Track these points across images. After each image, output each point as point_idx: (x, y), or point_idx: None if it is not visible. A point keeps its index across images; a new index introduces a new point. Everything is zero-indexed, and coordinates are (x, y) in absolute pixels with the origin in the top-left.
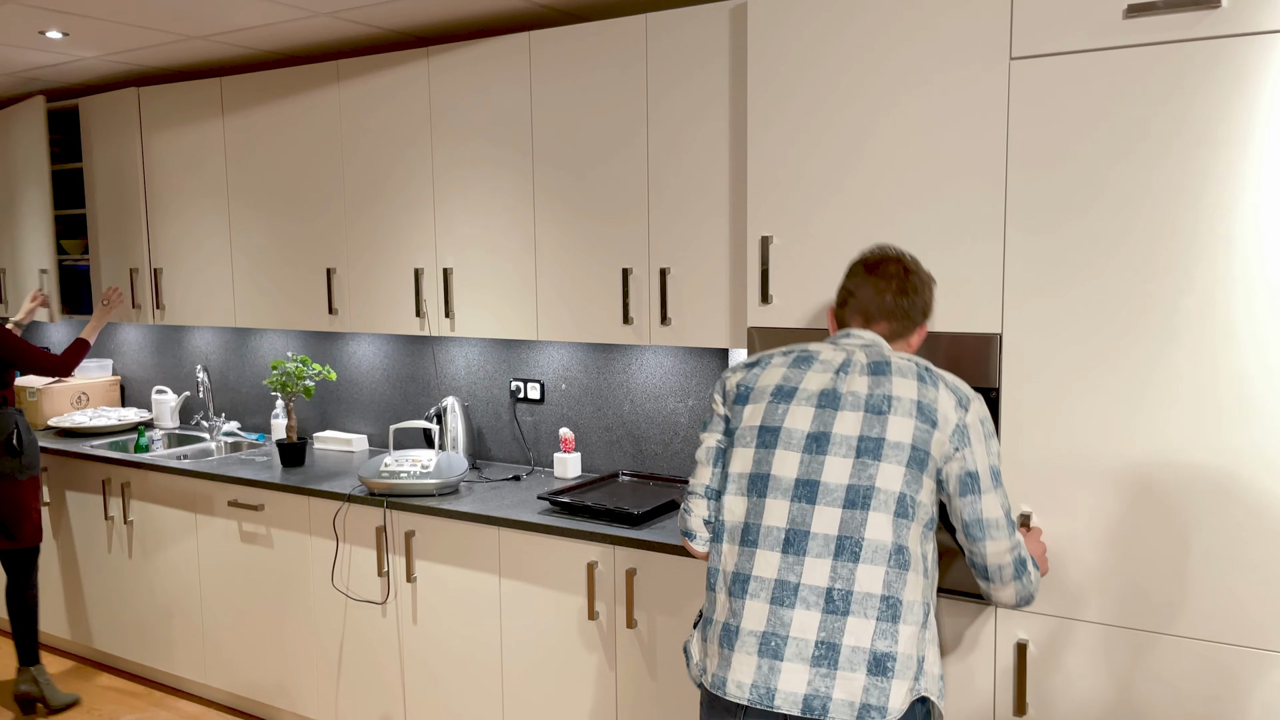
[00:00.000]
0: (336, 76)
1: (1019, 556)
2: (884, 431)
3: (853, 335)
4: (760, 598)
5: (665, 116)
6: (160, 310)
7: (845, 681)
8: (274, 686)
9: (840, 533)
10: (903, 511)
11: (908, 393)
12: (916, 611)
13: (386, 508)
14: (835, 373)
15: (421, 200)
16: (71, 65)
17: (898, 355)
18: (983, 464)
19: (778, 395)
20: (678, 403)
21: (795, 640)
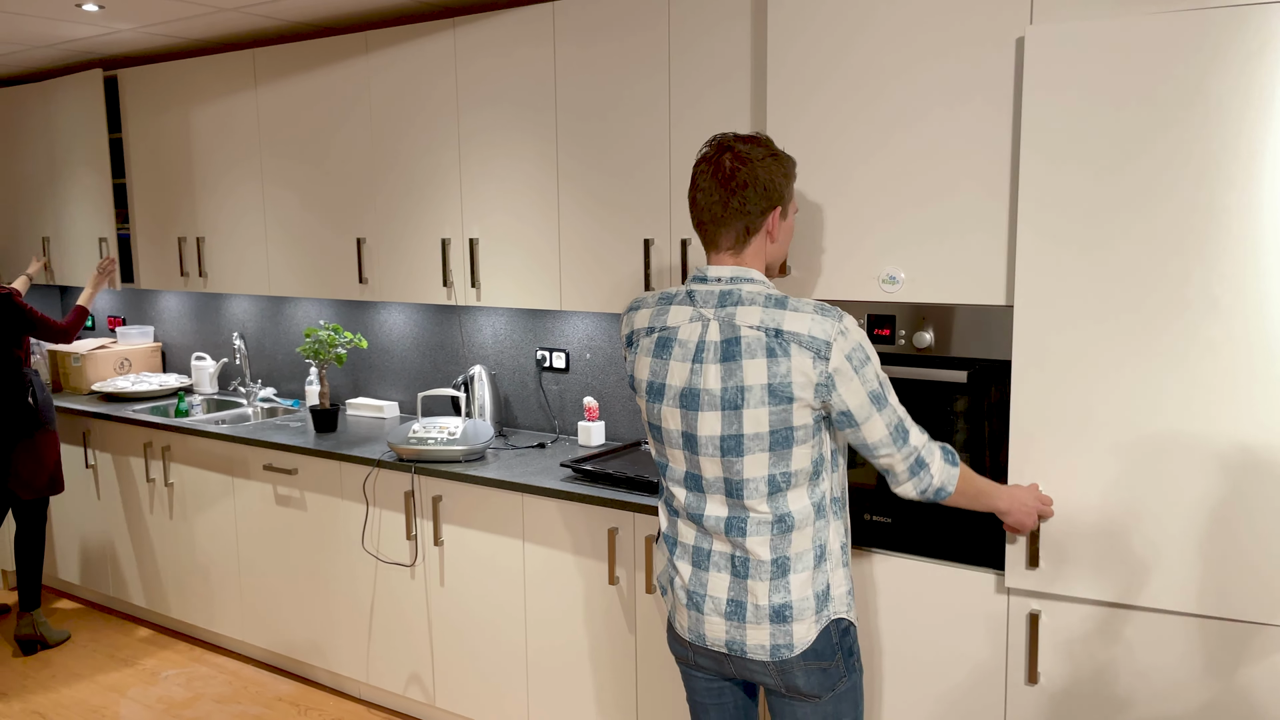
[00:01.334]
0: (365, 48)
1: (914, 461)
2: (741, 427)
3: (708, 279)
4: (685, 560)
5: (687, 84)
6: (204, 278)
7: (754, 631)
8: (308, 644)
9: (729, 514)
10: (775, 488)
11: (758, 378)
12: (806, 559)
13: (415, 473)
14: (692, 362)
15: (448, 171)
16: (108, 38)
17: (746, 317)
18: (854, 399)
19: (650, 394)
20: None
21: (711, 599)
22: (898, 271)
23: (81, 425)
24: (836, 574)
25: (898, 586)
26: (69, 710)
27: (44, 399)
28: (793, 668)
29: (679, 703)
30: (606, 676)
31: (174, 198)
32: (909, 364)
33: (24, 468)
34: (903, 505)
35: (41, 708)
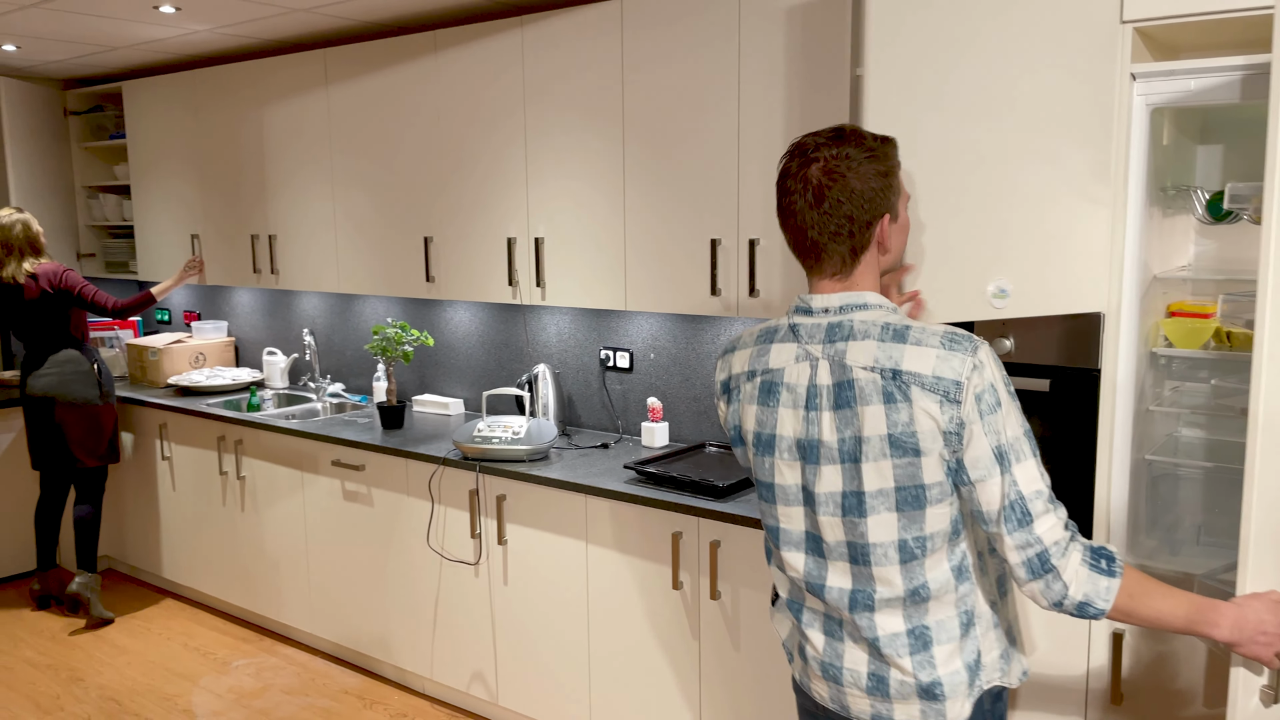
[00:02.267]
0: (434, 47)
1: (1035, 558)
2: (862, 484)
3: (814, 311)
4: (816, 628)
5: (756, 83)
6: (275, 275)
7: (902, 706)
8: (374, 638)
9: (854, 586)
10: (909, 556)
11: (876, 428)
12: (951, 629)
13: (479, 472)
14: (805, 410)
15: (514, 170)
16: (186, 39)
17: (858, 355)
18: (973, 451)
19: (759, 446)
20: None
21: (850, 671)
22: (1007, 284)
23: (158, 418)
24: (988, 639)
25: None
26: (142, 697)
27: (106, 373)
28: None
29: (742, 712)
30: (669, 683)
31: (247, 196)
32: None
33: (89, 438)
34: None
35: (116, 694)
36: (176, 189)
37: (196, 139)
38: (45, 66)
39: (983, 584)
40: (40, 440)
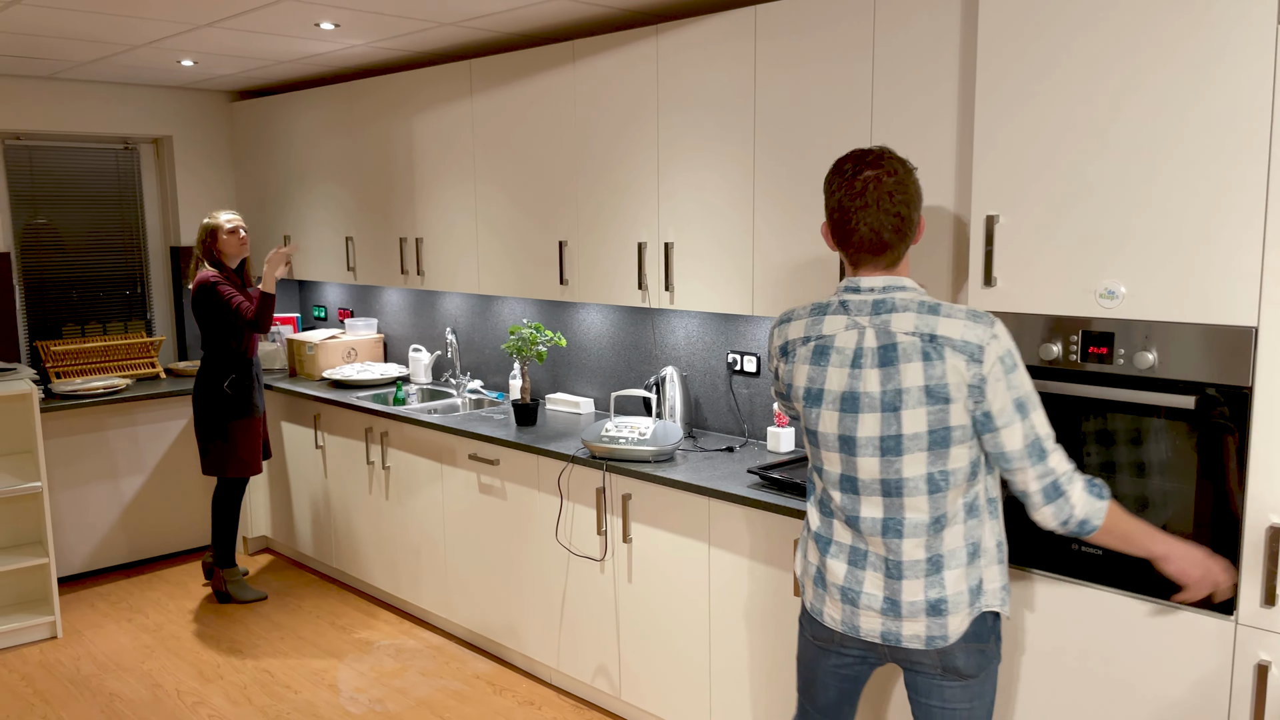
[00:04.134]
0: (572, 57)
1: (1050, 485)
2: (900, 428)
3: (861, 290)
4: (841, 559)
5: (889, 85)
6: (421, 277)
7: (910, 624)
8: (504, 627)
9: (885, 515)
10: (934, 488)
11: (915, 380)
12: (960, 555)
13: (606, 470)
14: (851, 367)
15: (646, 175)
16: (343, 53)
17: (901, 324)
18: (998, 402)
19: (808, 399)
20: None
21: (867, 595)
22: (1117, 285)
23: (313, 409)
24: (990, 570)
25: (1106, 624)
26: (293, 672)
27: (242, 389)
28: (954, 650)
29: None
30: (790, 690)
31: (396, 201)
32: (1127, 385)
33: (215, 450)
34: None
35: (271, 668)
36: (333, 194)
37: (351, 147)
38: (217, 80)
39: (991, 525)
40: None
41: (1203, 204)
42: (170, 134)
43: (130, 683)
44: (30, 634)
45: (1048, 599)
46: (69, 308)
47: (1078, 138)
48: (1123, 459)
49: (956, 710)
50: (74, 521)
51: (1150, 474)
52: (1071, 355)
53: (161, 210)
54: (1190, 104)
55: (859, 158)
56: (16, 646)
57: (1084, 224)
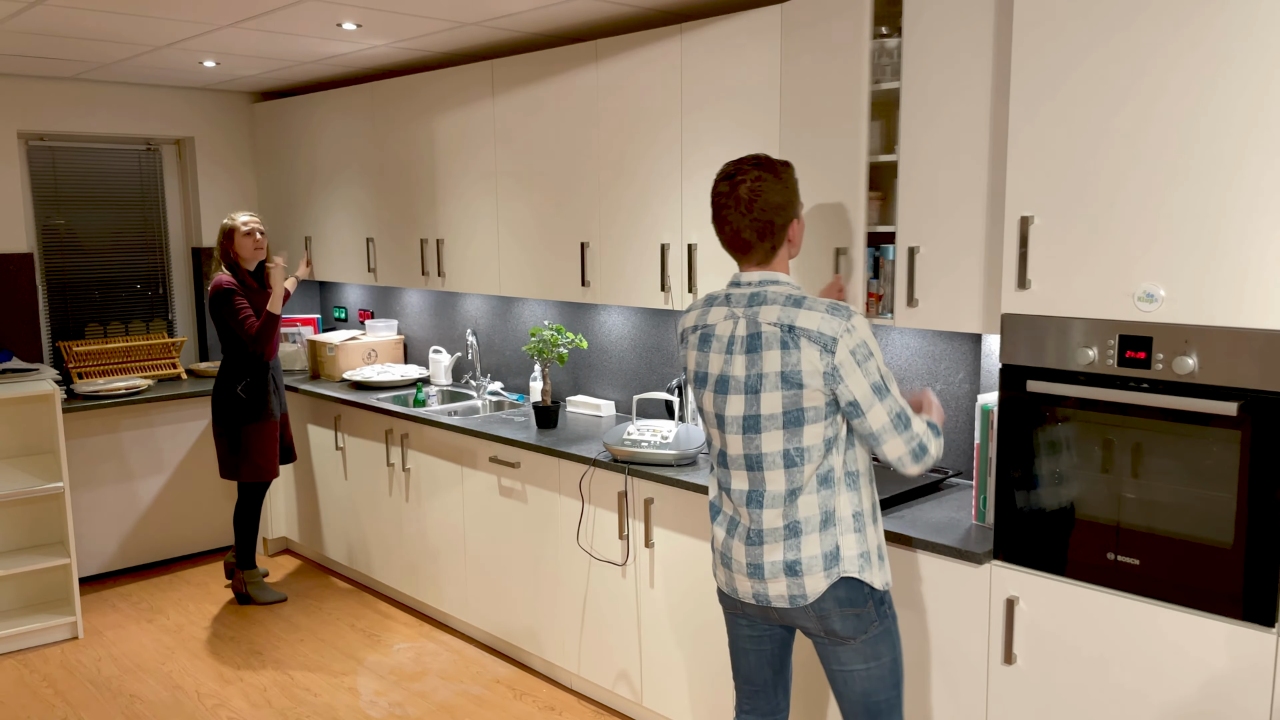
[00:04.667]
0: (595, 56)
1: (916, 446)
2: (760, 409)
3: (741, 284)
4: (722, 526)
5: (919, 86)
6: (442, 278)
7: (773, 584)
8: (525, 631)
9: (749, 488)
10: (790, 463)
11: (774, 366)
12: (813, 523)
13: (628, 474)
14: (725, 353)
15: (669, 176)
16: (365, 53)
17: (767, 315)
18: (859, 389)
19: (696, 381)
20: (924, 386)
21: (737, 561)
22: (1157, 288)
23: (333, 410)
24: (847, 538)
25: (1143, 637)
26: (313, 674)
27: (256, 393)
28: (830, 613)
29: None
30: (814, 700)
31: (418, 202)
32: (1166, 391)
33: (230, 454)
34: (1154, 546)
35: (291, 670)
36: (354, 195)
37: (372, 148)
38: (239, 81)
39: (848, 496)
40: None
41: (1247, 203)
42: (192, 135)
43: (150, 684)
44: (52, 634)
45: (1085, 609)
46: (91, 308)
47: (1115, 134)
48: (1161, 467)
49: (854, 672)
50: (96, 522)
51: (1190, 482)
52: (1108, 360)
53: (183, 211)
54: (1234, 99)
55: (736, 164)
56: (38, 647)
57: (1122, 224)
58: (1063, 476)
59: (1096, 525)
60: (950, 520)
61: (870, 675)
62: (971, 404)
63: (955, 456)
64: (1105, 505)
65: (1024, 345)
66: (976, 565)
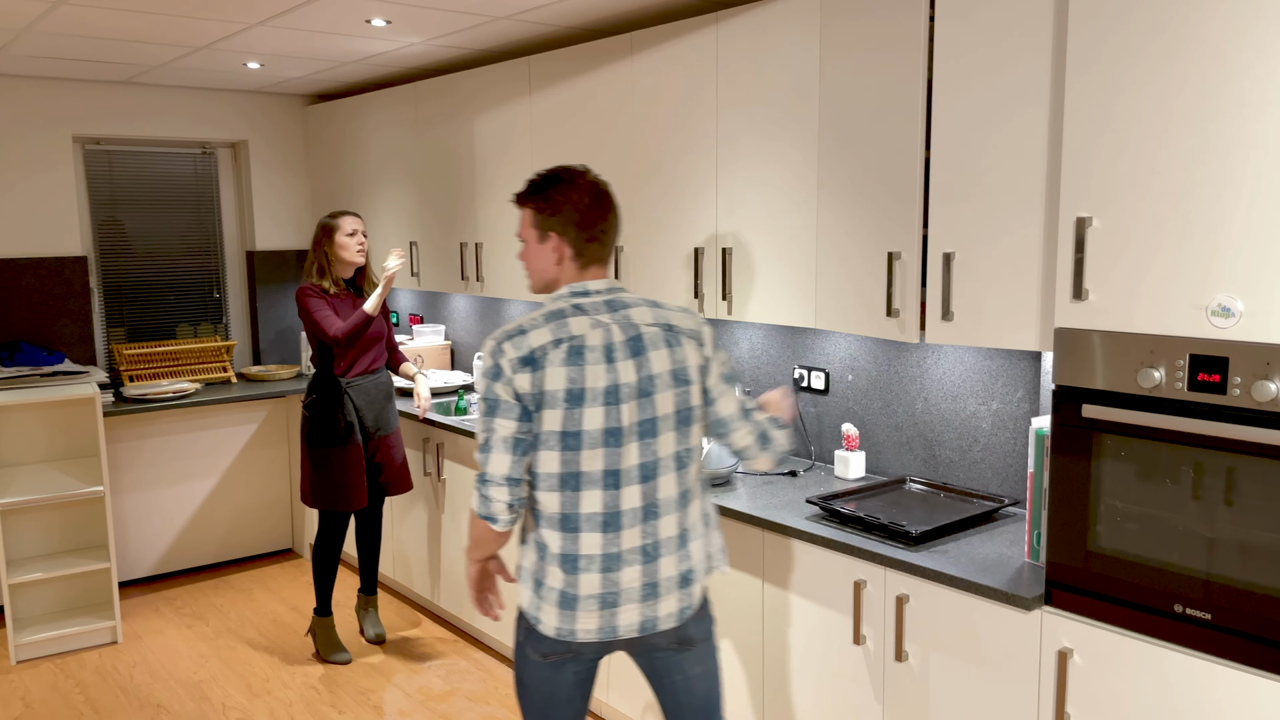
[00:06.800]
0: (630, 49)
1: (761, 435)
2: (654, 411)
3: (591, 293)
4: (594, 570)
5: (956, 66)
6: (480, 283)
7: (665, 602)
8: None
9: (644, 502)
10: (680, 465)
11: (663, 366)
12: (699, 526)
13: None
14: (606, 363)
15: (704, 176)
16: (402, 52)
17: (639, 317)
18: (714, 378)
19: (570, 400)
20: (979, 405)
21: (625, 592)
22: (1234, 301)
23: None
24: (714, 534)
25: (1212, 703)
26: (341, 689)
27: (324, 413)
28: (689, 621)
29: None
30: None
31: (458, 204)
32: (1242, 420)
33: (302, 474)
34: (1228, 599)
35: (319, 684)
36: (399, 197)
37: (416, 149)
38: (289, 83)
39: (708, 494)
40: None
41: None
42: (246, 138)
43: (179, 694)
44: (91, 638)
45: (1148, 667)
46: (146, 311)
47: (1187, 125)
48: (1238, 508)
49: (696, 676)
50: (144, 524)
51: (1272, 526)
52: (1176, 383)
53: (238, 214)
54: None
55: (584, 173)
56: (77, 651)
57: (1194, 227)
58: (1123, 514)
59: (1161, 572)
60: (1000, 557)
61: (709, 675)
62: (1027, 426)
63: (1013, 484)
64: (1172, 549)
65: (1080, 364)
66: (1025, 611)
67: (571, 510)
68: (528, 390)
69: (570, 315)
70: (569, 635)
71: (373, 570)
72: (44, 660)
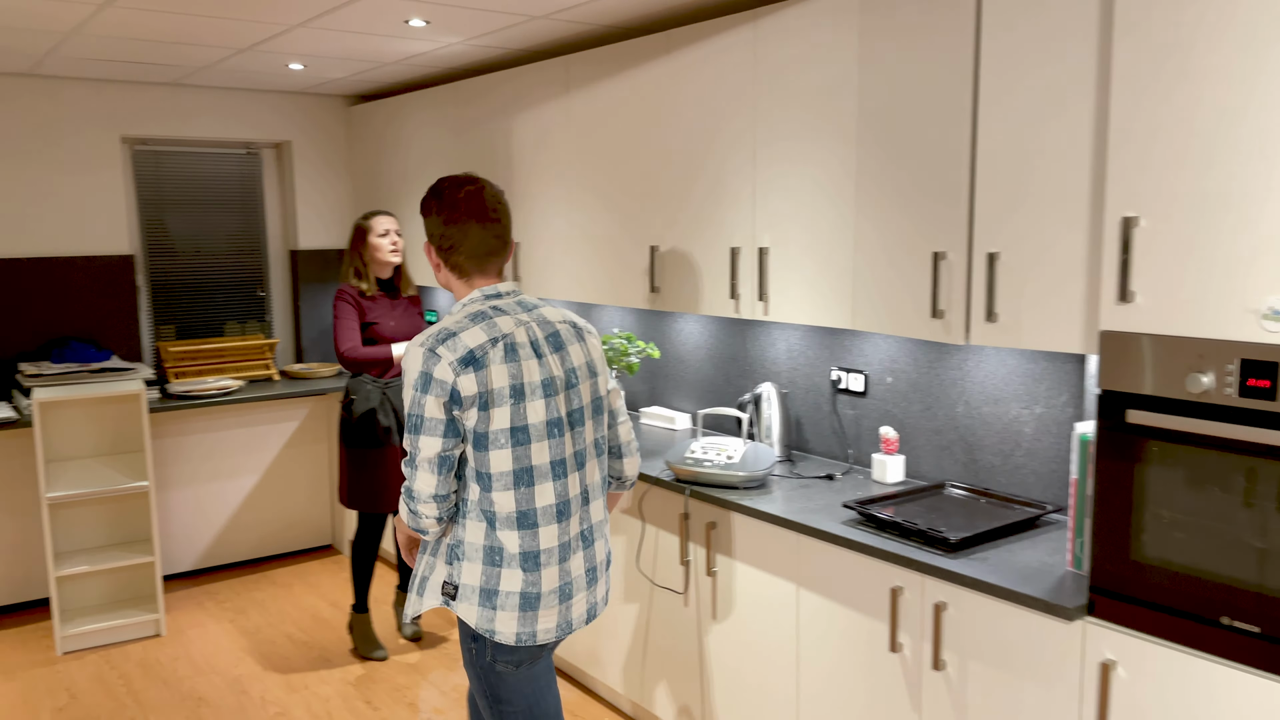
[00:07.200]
0: (666, 48)
1: (632, 437)
2: (580, 401)
3: (502, 294)
4: (551, 564)
5: (1000, 56)
6: (518, 282)
7: (602, 584)
8: (588, 653)
9: (581, 487)
10: (599, 451)
11: (580, 359)
12: (607, 514)
13: (689, 496)
14: (537, 358)
15: (741, 174)
16: (442, 52)
17: (550, 315)
18: (606, 374)
19: (515, 395)
20: (1022, 409)
21: (576, 580)
22: None
23: None
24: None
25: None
26: (378, 686)
27: (359, 414)
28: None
29: None
30: None
31: None
32: None
33: (340, 477)
34: (1278, 611)
35: (357, 680)
36: None
37: (455, 149)
38: (331, 84)
39: None
40: None
41: None
42: (290, 139)
43: (219, 687)
44: (135, 631)
45: (1194, 681)
46: (191, 309)
47: (1238, 121)
48: None
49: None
50: (187, 519)
51: None
52: (1226, 389)
53: (281, 214)
54: None
55: (473, 180)
56: (121, 643)
57: (1245, 227)
58: (1170, 523)
59: (1209, 583)
60: (1042, 565)
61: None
62: (1071, 431)
63: (1055, 490)
64: (1219, 560)
65: (1126, 368)
66: (1066, 621)
67: (528, 506)
68: (474, 391)
69: (494, 315)
70: (529, 639)
71: (410, 569)
72: (89, 652)
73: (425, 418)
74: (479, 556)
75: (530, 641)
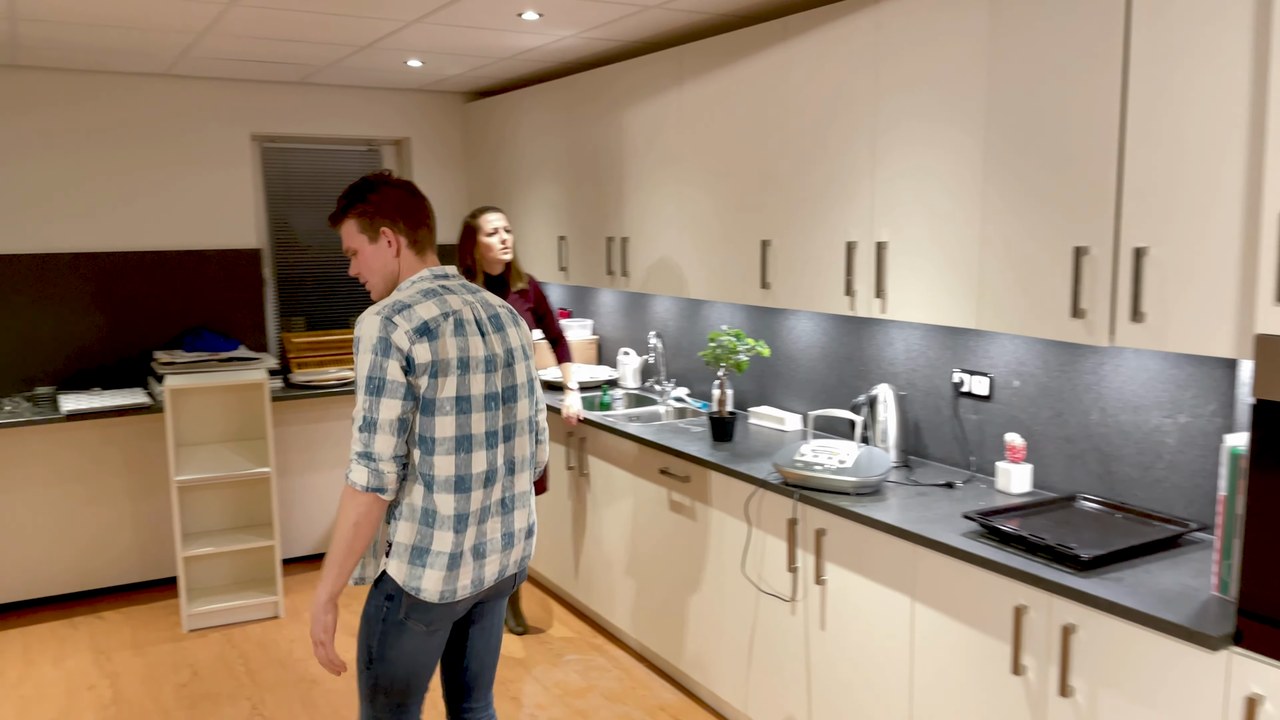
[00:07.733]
0: (783, 34)
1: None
2: (515, 379)
3: (449, 275)
4: (472, 525)
5: (1154, 36)
6: (626, 278)
7: (519, 549)
8: (692, 656)
9: (506, 458)
10: (530, 429)
11: (516, 340)
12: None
13: (798, 500)
14: (481, 335)
15: (858, 164)
16: (555, 45)
17: (490, 298)
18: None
19: (461, 367)
20: (1164, 418)
21: (491, 541)
22: None
23: None
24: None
25: None
26: None
27: None
28: (522, 570)
29: None
30: None
31: (606, 198)
32: None
33: None
34: None
35: None
36: (549, 193)
37: (566, 144)
38: (448, 81)
39: None
40: None
41: None
42: (409, 135)
43: None
44: (256, 611)
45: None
46: (319, 302)
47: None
48: None
49: (497, 624)
50: (309, 504)
51: None
52: None
53: None
54: None
55: (389, 174)
56: (242, 623)
57: None
58: None
59: None
60: (1184, 589)
61: (500, 621)
62: (1219, 443)
63: (1200, 507)
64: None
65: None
66: (1210, 651)
67: (465, 471)
68: (428, 359)
69: (444, 293)
70: (450, 596)
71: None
72: (212, 630)
73: (388, 380)
74: (415, 517)
75: (451, 599)
